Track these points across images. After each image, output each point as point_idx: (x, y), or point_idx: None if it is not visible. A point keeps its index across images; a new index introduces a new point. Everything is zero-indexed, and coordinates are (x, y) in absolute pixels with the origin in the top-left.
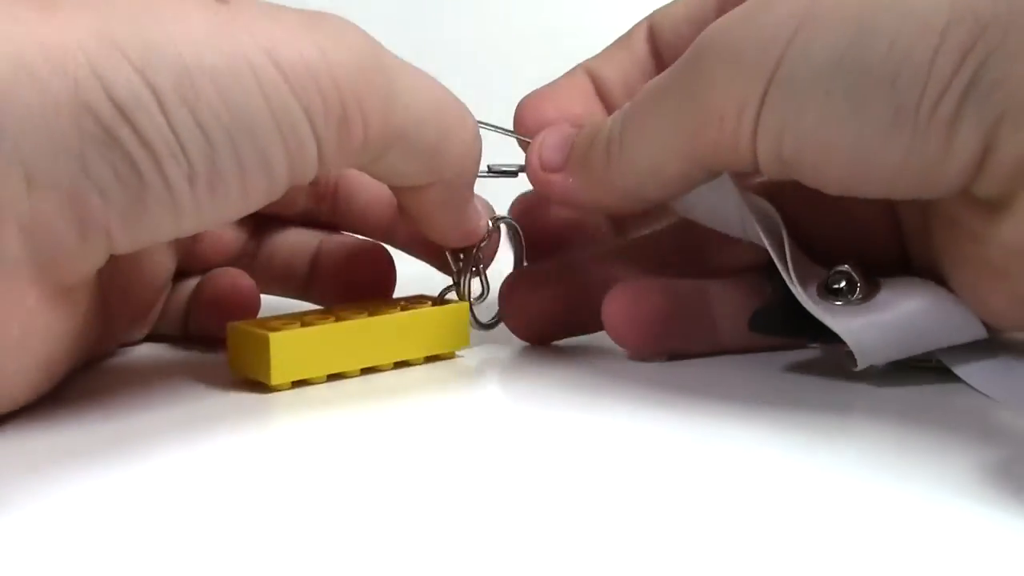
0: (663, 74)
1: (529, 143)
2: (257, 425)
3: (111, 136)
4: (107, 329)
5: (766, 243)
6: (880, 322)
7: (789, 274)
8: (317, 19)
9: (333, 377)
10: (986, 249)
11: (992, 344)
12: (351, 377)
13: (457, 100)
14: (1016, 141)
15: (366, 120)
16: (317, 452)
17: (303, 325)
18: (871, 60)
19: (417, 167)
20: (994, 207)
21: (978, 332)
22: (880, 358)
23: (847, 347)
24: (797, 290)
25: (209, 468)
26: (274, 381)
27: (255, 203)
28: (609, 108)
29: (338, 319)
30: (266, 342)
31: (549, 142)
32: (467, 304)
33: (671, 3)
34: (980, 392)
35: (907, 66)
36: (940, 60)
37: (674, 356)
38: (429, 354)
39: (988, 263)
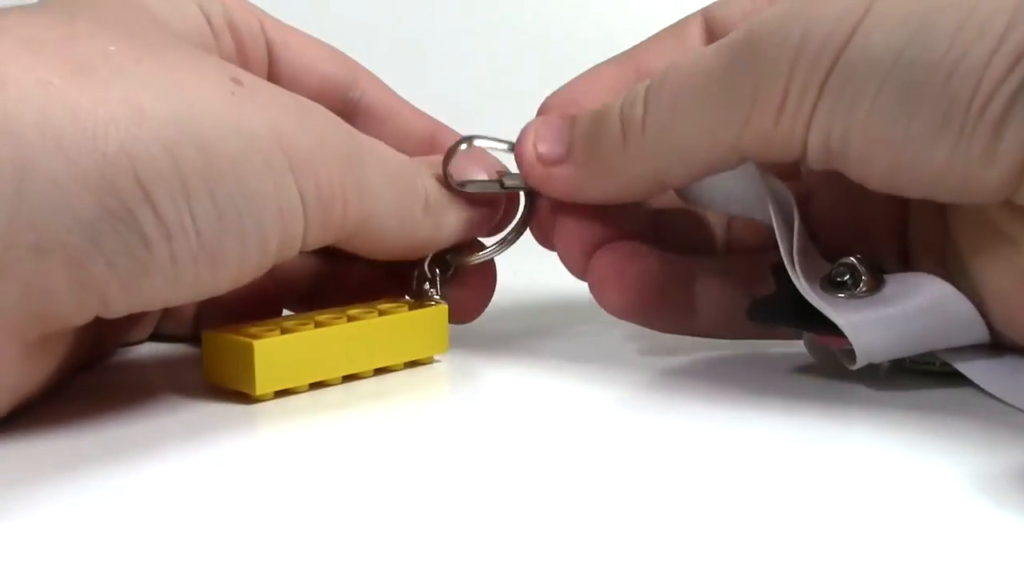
0: (698, 57)
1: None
2: (244, 436)
3: (130, 214)
4: (101, 339)
5: (776, 229)
6: (883, 317)
7: (793, 262)
8: (309, 107)
9: (314, 385)
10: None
11: (997, 344)
12: (333, 385)
13: (417, 185)
14: None
15: (345, 205)
16: (308, 463)
17: (283, 332)
18: (928, 58)
19: (381, 248)
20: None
21: (981, 335)
22: (879, 355)
23: (844, 345)
24: (798, 278)
25: (197, 481)
26: (259, 391)
27: (243, 279)
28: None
29: (318, 325)
30: (250, 350)
31: (544, 132)
32: (446, 308)
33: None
34: (986, 392)
35: (963, 65)
36: (995, 61)
37: (650, 325)
38: (409, 360)
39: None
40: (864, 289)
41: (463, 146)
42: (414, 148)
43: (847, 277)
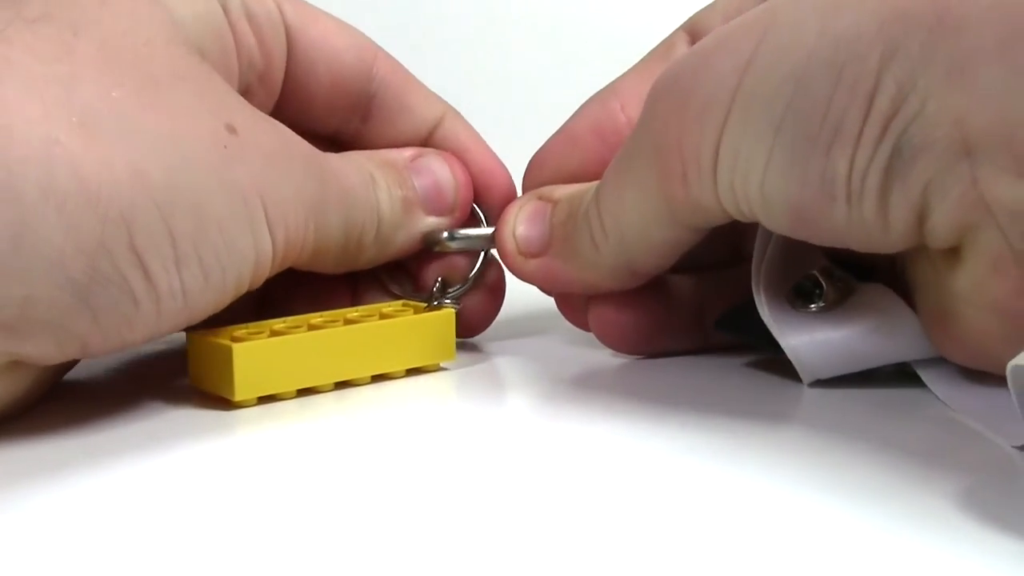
0: (630, 135)
1: None
2: (217, 445)
3: (121, 276)
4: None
5: (759, 235)
6: (826, 340)
7: (759, 274)
8: (292, 152)
9: (304, 392)
10: (943, 288)
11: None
12: (323, 392)
13: (373, 211)
14: (945, 208)
15: (304, 244)
16: (281, 473)
17: (272, 335)
18: (808, 126)
19: (323, 269)
20: (948, 254)
21: (928, 352)
22: (824, 374)
23: None
24: (759, 293)
25: (165, 490)
26: (238, 397)
27: (211, 314)
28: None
29: (310, 328)
30: (229, 353)
31: (522, 220)
32: (452, 312)
33: (712, 5)
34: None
35: (841, 134)
36: (867, 130)
37: (664, 353)
38: (410, 367)
39: (943, 302)
40: (823, 305)
41: (444, 235)
42: (415, 138)
43: (813, 289)
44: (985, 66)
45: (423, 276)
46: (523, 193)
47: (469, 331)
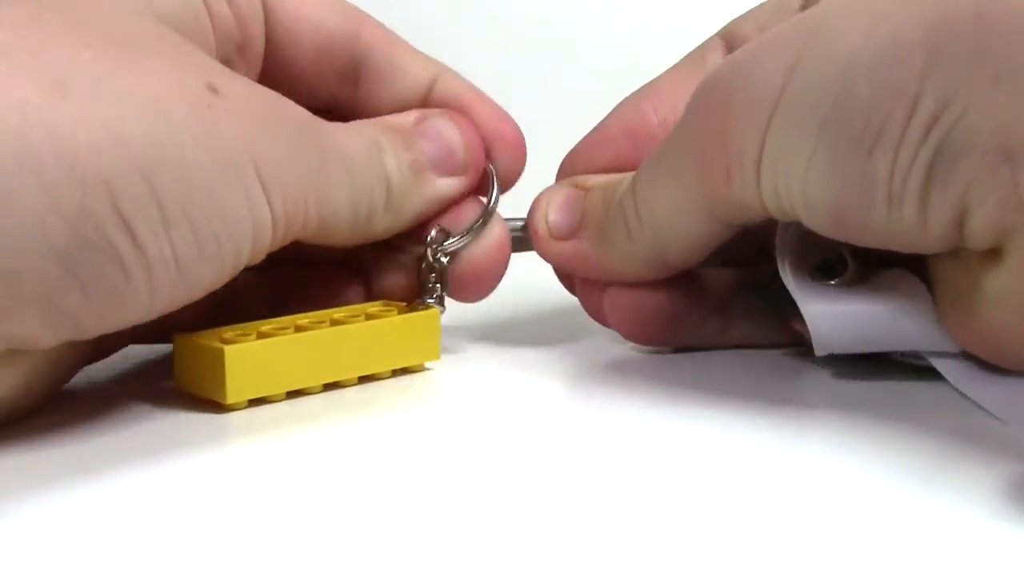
0: (666, 138)
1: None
2: (210, 452)
3: (108, 242)
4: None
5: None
6: (846, 312)
7: (784, 244)
8: (281, 113)
9: (292, 394)
10: (972, 287)
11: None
12: (313, 393)
13: (380, 177)
14: (985, 211)
15: (306, 217)
16: (278, 476)
17: (260, 336)
18: (851, 127)
19: (335, 243)
20: (984, 255)
21: (947, 345)
22: (837, 348)
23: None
24: (781, 261)
25: (159, 498)
26: (230, 400)
27: (212, 290)
28: (666, 131)
29: (297, 329)
30: (220, 356)
31: (555, 206)
32: (438, 311)
33: (747, 14)
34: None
35: (883, 136)
36: (910, 132)
37: (681, 346)
38: (397, 367)
39: (970, 300)
40: (846, 280)
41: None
42: (413, 101)
43: (837, 266)
44: None
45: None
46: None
47: (470, 293)
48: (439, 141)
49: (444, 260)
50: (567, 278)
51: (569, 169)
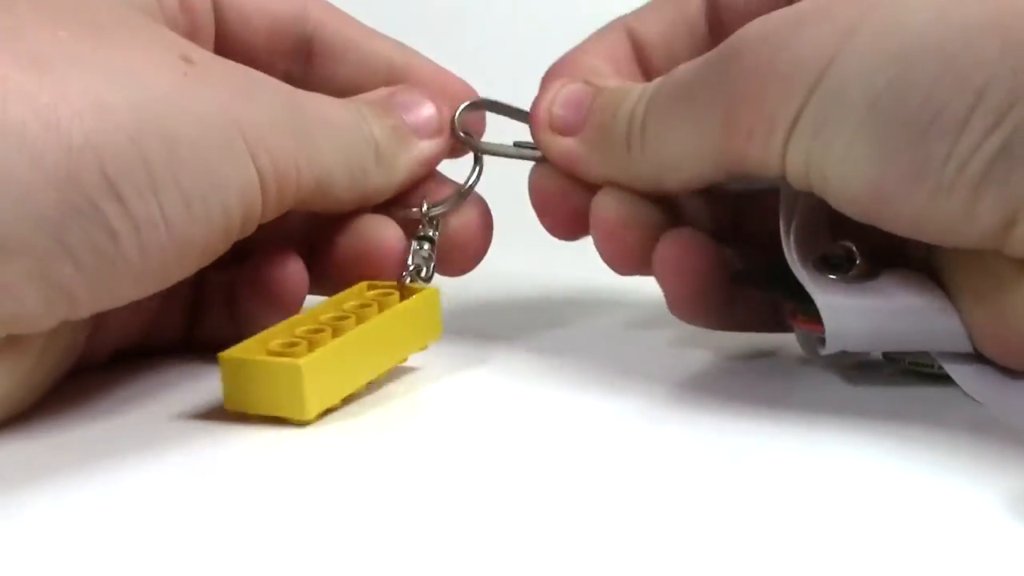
0: (693, 65)
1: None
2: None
3: (96, 209)
4: (90, 340)
5: (782, 199)
6: (865, 306)
7: (788, 232)
8: (257, 80)
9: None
10: (1005, 298)
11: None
12: (359, 395)
13: (365, 136)
14: None
15: (298, 176)
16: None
17: (310, 344)
18: (906, 107)
19: (334, 205)
20: (1021, 265)
21: (964, 347)
22: (852, 344)
23: (822, 332)
24: (790, 250)
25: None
26: (310, 416)
27: (206, 263)
28: (649, 75)
29: (336, 330)
30: (297, 372)
31: (563, 98)
32: (436, 290)
33: None
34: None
35: (941, 120)
36: (975, 120)
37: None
38: (412, 352)
39: (1002, 311)
40: (855, 275)
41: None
42: (373, 78)
43: (842, 259)
44: None
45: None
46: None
47: (456, 265)
48: (413, 107)
49: (432, 234)
50: (544, 194)
51: (558, 75)
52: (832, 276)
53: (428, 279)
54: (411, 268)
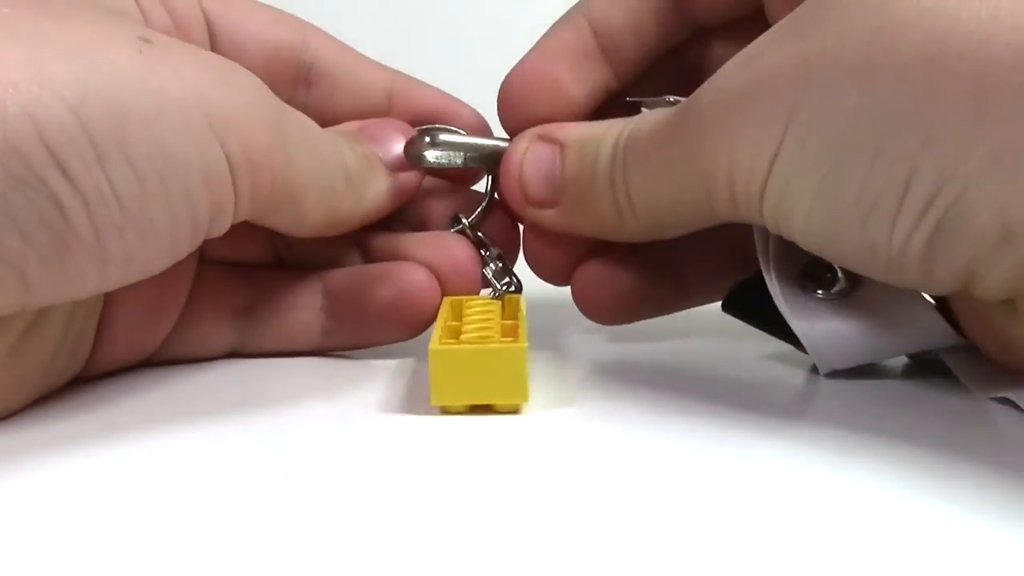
0: (665, 119)
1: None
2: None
3: (40, 180)
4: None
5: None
6: (842, 331)
7: (768, 261)
8: (231, 66)
9: None
10: (997, 329)
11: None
12: None
13: (338, 155)
14: (992, 279)
15: (273, 172)
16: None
17: (461, 336)
18: (844, 197)
19: (303, 222)
20: (1003, 303)
21: (949, 341)
22: (840, 365)
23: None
24: (771, 280)
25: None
26: (527, 399)
27: (178, 253)
28: (616, 66)
29: (485, 326)
30: (521, 355)
31: (530, 172)
32: (521, 296)
33: None
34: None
35: (876, 210)
36: (905, 208)
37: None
38: None
39: (1000, 339)
40: (838, 289)
41: (426, 139)
42: (371, 107)
43: (825, 273)
44: None
45: (430, 214)
46: (503, 125)
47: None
48: (384, 140)
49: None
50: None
51: (512, 99)
52: (818, 293)
53: (519, 289)
54: (502, 285)
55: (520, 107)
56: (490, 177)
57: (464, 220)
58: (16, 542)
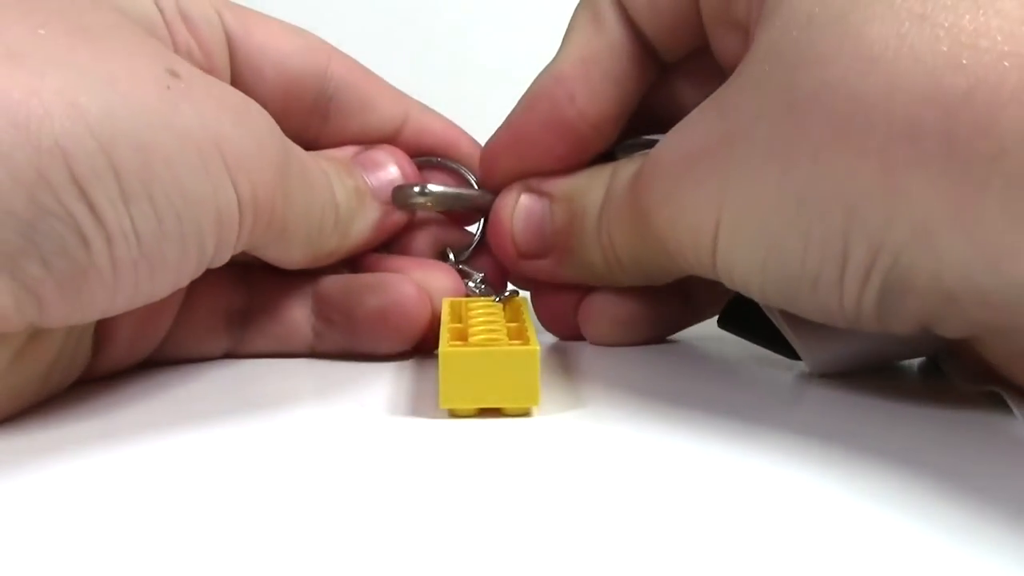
0: (630, 178)
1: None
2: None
3: (66, 211)
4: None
5: None
6: (836, 342)
7: None
8: (247, 105)
9: None
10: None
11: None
12: None
13: (330, 197)
14: (948, 327)
15: (273, 211)
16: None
17: (467, 337)
18: (787, 274)
19: (287, 258)
20: (970, 338)
21: (942, 348)
22: (833, 371)
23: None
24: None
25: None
26: (539, 401)
27: (180, 284)
28: (602, 134)
29: (489, 330)
30: (533, 357)
31: (520, 222)
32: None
33: None
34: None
35: (820, 284)
36: (848, 279)
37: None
38: None
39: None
40: None
41: (414, 189)
42: (381, 136)
43: None
44: (942, 235)
45: (419, 244)
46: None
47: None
48: (377, 170)
49: (478, 279)
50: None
51: (491, 172)
52: None
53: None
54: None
55: (500, 170)
56: (483, 219)
57: (451, 255)
58: (16, 544)
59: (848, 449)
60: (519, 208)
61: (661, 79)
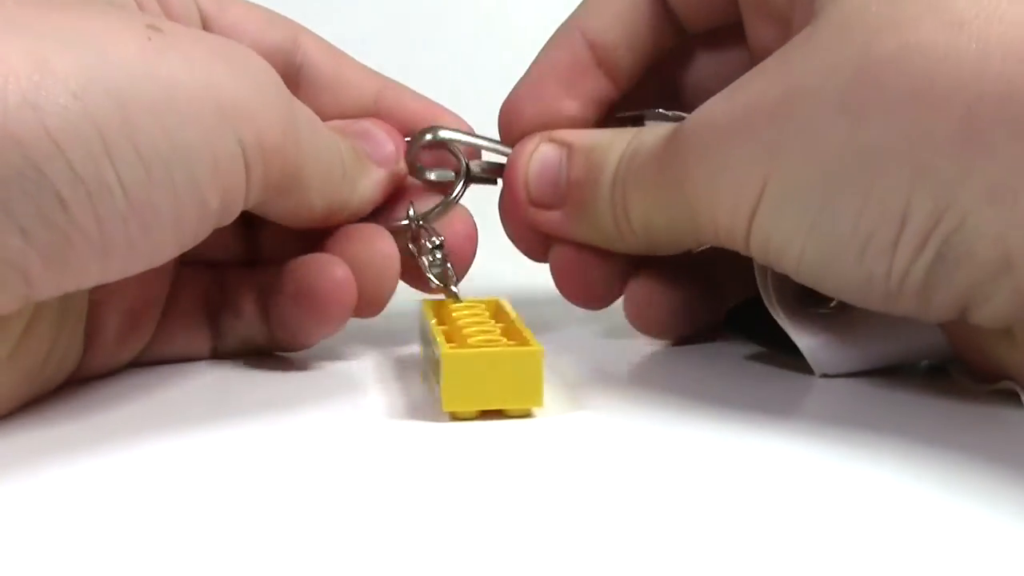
0: (659, 143)
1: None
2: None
3: (39, 172)
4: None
5: None
6: (841, 343)
7: (765, 276)
8: (242, 52)
9: None
10: (995, 354)
11: None
12: None
13: (339, 145)
14: (991, 307)
15: (285, 158)
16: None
17: (468, 340)
18: (838, 233)
19: (301, 211)
20: (999, 332)
21: (944, 354)
22: (837, 373)
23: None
24: (769, 298)
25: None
26: (543, 402)
27: (185, 243)
28: (614, 77)
29: (484, 329)
30: (537, 359)
31: (536, 171)
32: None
33: None
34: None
35: (872, 245)
36: (903, 242)
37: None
38: None
39: (994, 363)
40: (836, 303)
41: (427, 136)
42: (358, 112)
43: None
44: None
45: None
46: (503, 140)
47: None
48: (367, 137)
49: (439, 242)
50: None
51: (510, 127)
52: (820, 309)
53: (456, 281)
54: (445, 283)
55: (519, 128)
56: (463, 180)
57: (412, 211)
58: (11, 546)
59: (855, 449)
60: (537, 154)
61: (681, 50)
